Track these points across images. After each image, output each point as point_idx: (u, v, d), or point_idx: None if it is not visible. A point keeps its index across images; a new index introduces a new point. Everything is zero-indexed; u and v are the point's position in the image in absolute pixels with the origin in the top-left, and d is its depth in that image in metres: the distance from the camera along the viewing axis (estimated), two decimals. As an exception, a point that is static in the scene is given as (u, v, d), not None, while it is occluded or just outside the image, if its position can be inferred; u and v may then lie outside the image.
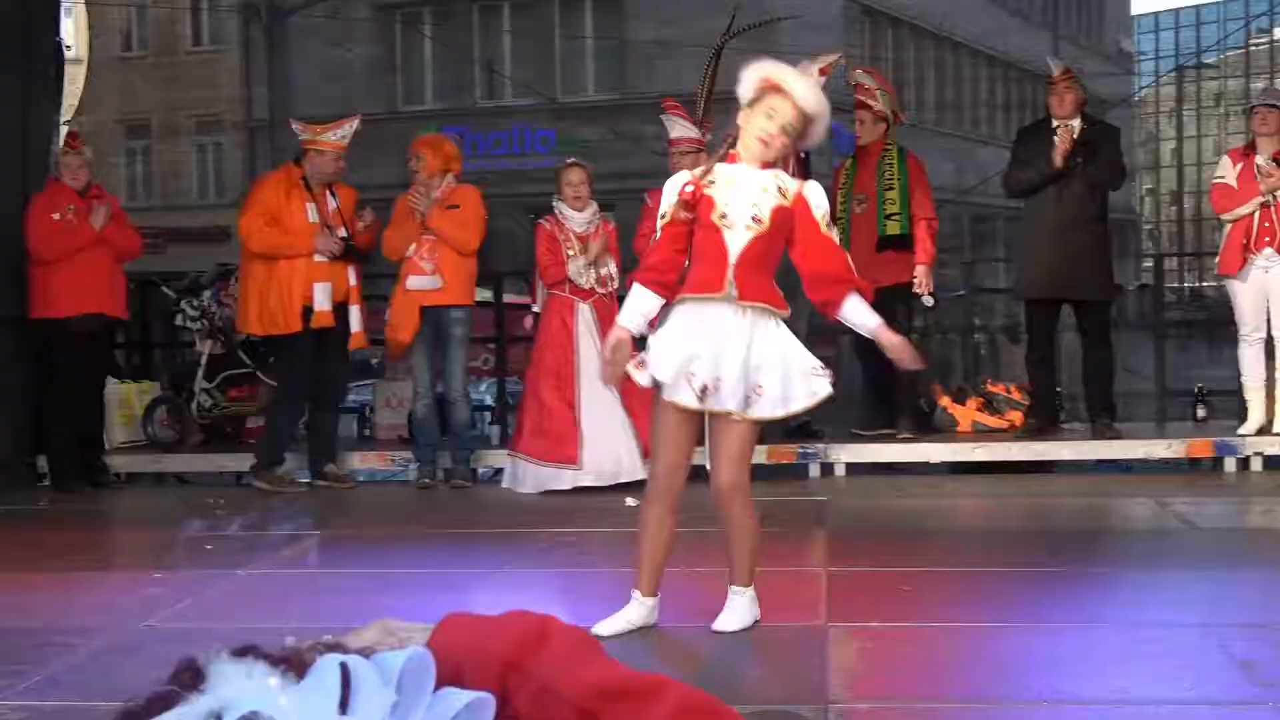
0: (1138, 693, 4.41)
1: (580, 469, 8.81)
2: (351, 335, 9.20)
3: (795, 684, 4.57)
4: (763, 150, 5.11)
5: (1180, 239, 60.31)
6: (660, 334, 5.11)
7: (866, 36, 32.68)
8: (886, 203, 9.55)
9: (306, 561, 6.91)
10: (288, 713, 1.74)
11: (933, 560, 6.60)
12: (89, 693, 4.51)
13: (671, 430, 5.16)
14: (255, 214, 8.95)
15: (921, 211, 9.57)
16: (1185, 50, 63.91)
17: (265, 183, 9.17)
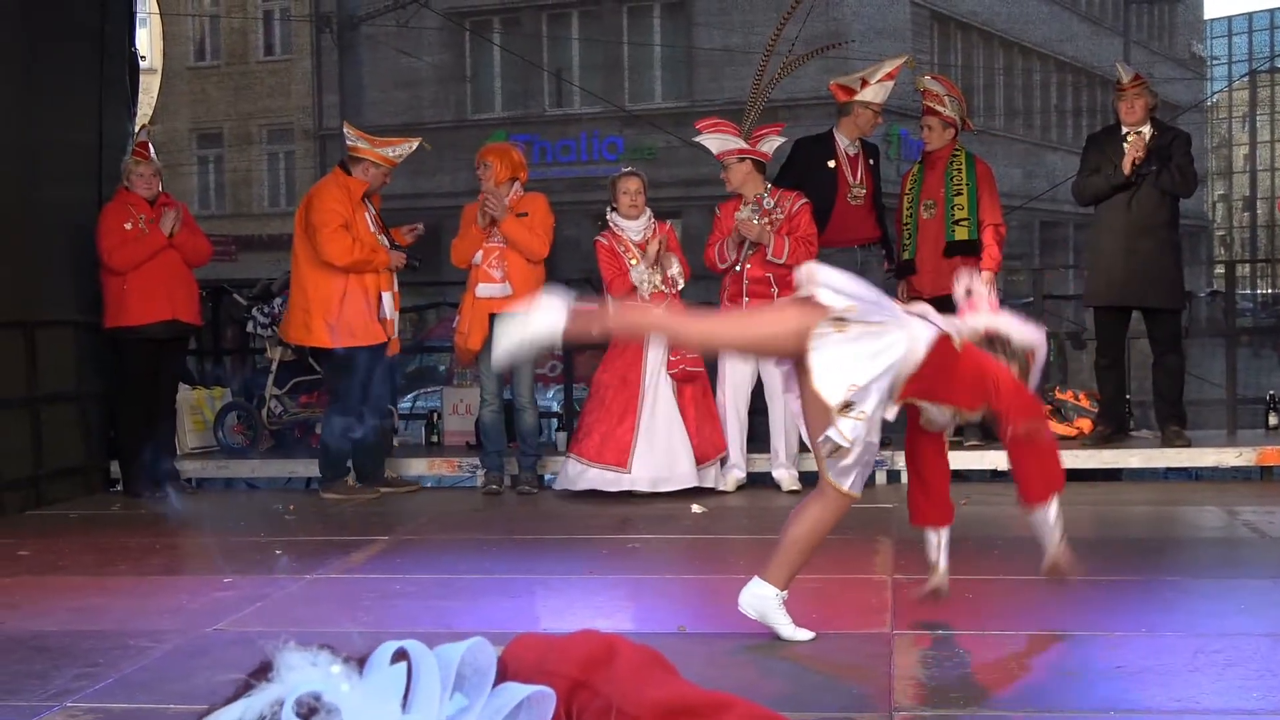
0: (1205, 703, 4.38)
1: (628, 473, 8.85)
2: (390, 341, 9.24)
3: (861, 692, 4.58)
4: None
5: (1253, 245, 59.66)
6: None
7: (935, 42, 32.56)
8: (955, 208, 9.52)
9: (374, 567, 6.96)
10: (349, 699, 1.77)
11: (998, 568, 6.58)
12: (159, 695, 4.57)
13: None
14: (337, 228, 8.97)
15: (989, 217, 9.54)
16: (1259, 54, 63.25)
17: (330, 194, 9.10)
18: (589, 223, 18.40)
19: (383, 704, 1.79)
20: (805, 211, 9.02)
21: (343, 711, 1.75)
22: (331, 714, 1.75)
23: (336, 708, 1.76)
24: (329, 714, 1.75)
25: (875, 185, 9.65)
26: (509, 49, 29.68)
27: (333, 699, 1.76)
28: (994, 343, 5.04)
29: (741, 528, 8.14)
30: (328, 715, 1.75)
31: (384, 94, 29.50)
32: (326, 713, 1.75)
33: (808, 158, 9.56)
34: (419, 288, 13.59)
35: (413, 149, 9.42)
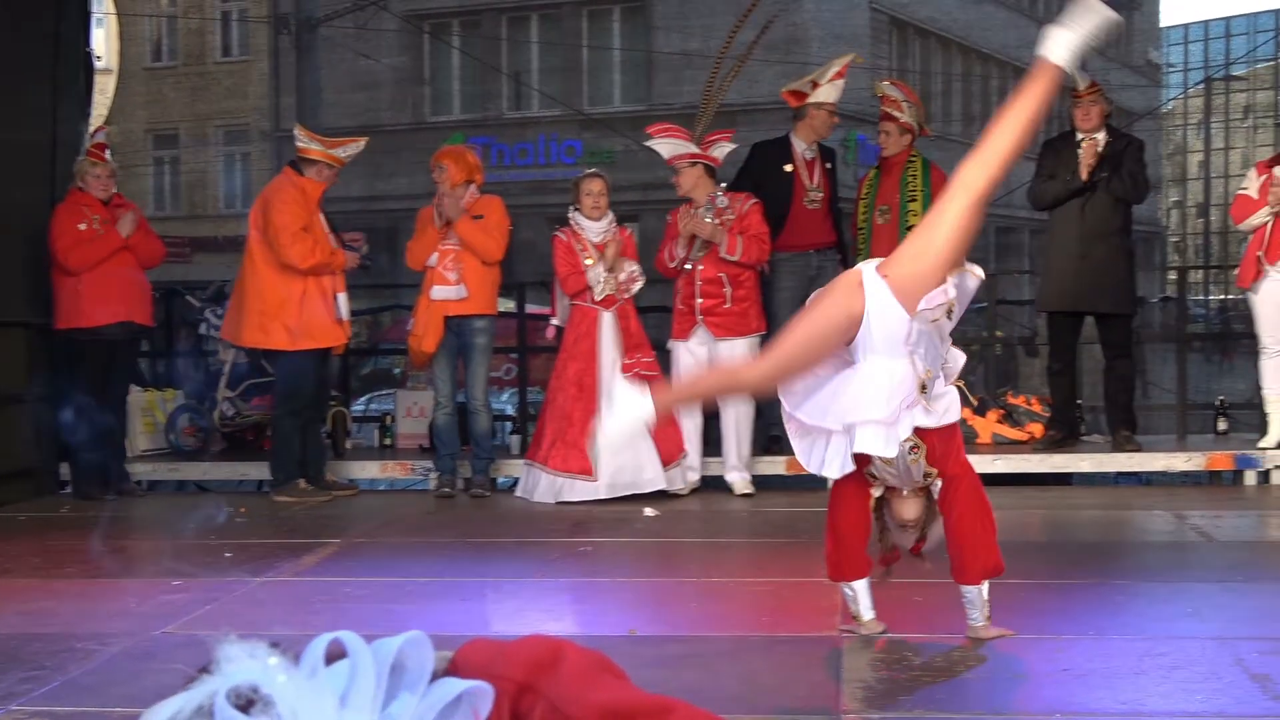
0: (1151, 705, 4.41)
1: (595, 481, 8.85)
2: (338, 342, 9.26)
3: (809, 695, 4.58)
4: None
5: (1206, 252, 60.09)
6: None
7: (893, 48, 32.69)
8: (909, 214, 9.56)
9: (325, 569, 6.93)
10: (286, 690, 1.77)
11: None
12: (106, 698, 4.54)
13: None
14: (298, 231, 8.94)
15: (942, 224, 9.56)
16: (1214, 62, 63.73)
17: (289, 198, 9.05)
18: (546, 226, 18.41)
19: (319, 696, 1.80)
20: (756, 211, 9.04)
21: (279, 703, 1.76)
22: (269, 705, 1.75)
23: (273, 699, 1.76)
24: (266, 705, 1.75)
25: (832, 189, 9.68)
26: (468, 52, 29.65)
27: (269, 690, 1.76)
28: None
29: (694, 531, 8.15)
30: (265, 707, 1.75)
31: (342, 96, 29.42)
32: (264, 704, 1.75)
33: (764, 162, 9.58)
34: (374, 290, 13.56)
35: (360, 149, 9.41)
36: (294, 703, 1.76)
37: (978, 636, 5.10)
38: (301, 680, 1.80)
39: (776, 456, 9.58)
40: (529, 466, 9.11)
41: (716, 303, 9.00)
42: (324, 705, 1.79)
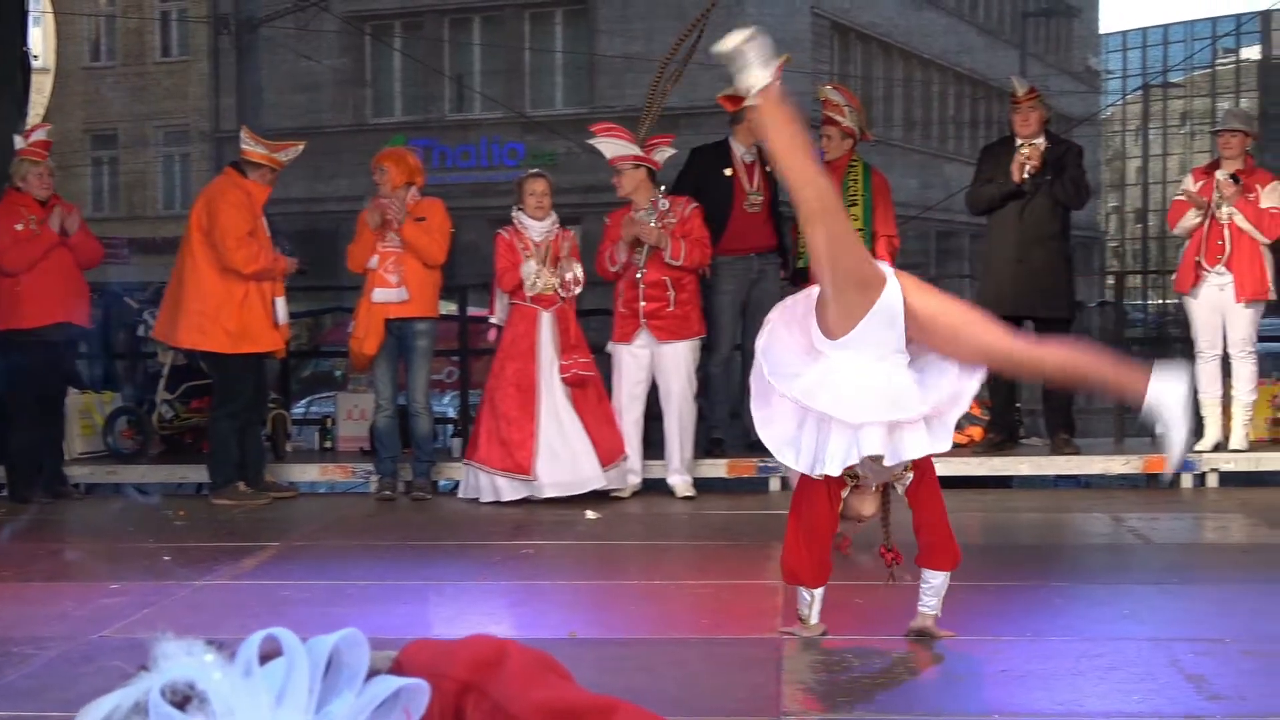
0: (1088, 706, 4.45)
1: (535, 480, 8.84)
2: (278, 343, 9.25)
3: (749, 697, 4.60)
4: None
5: (1144, 257, 60.62)
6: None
7: (835, 53, 32.80)
8: (850, 219, 9.59)
9: (265, 573, 6.90)
10: (221, 687, 1.77)
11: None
12: (43, 703, 4.51)
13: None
14: (244, 235, 8.89)
15: (883, 229, 9.64)
16: (1152, 69, 64.30)
17: (235, 201, 8.96)
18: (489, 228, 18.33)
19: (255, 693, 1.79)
20: (697, 215, 9.06)
21: (214, 700, 1.75)
22: (204, 703, 1.75)
23: (208, 696, 1.75)
24: (201, 702, 1.75)
25: (772, 193, 9.70)
26: (409, 54, 29.57)
27: (205, 687, 1.76)
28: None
29: (635, 534, 8.16)
30: (200, 704, 1.75)
31: (283, 97, 29.28)
32: (199, 701, 1.75)
33: (704, 166, 9.60)
34: (315, 292, 13.52)
35: (298, 153, 9.39)
36: (229, 700, 1.76)
37: (924, 627, 5.14)
38: (237, 677, 1.80)
39: (718, 459, 9.60)
40: (468, 466, 9.09)
41: (660, 306, 9.00)
42: (259, 702, 1.79)
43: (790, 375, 4.72)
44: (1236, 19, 55.22)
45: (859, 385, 4.64)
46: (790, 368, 4.73)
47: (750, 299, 9.64)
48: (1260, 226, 9.16)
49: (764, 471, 9.53)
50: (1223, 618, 5.66)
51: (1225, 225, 9.20)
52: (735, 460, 9.60)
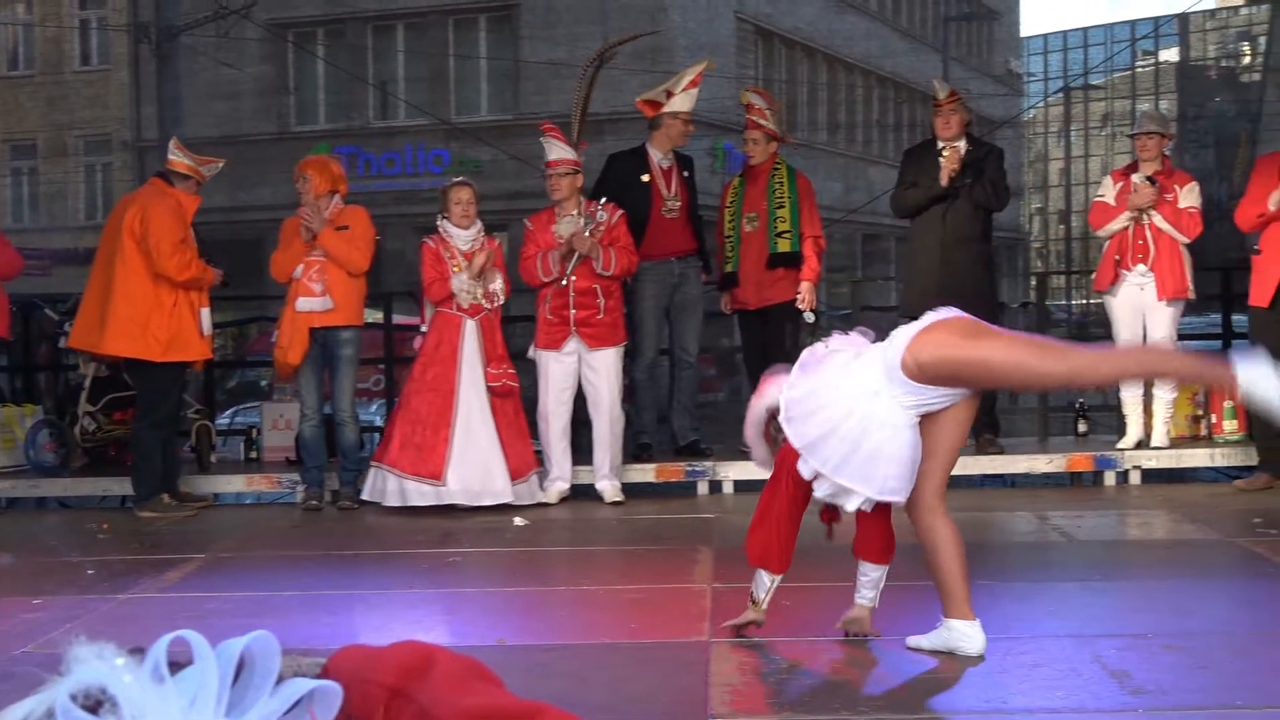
0: (1013, 703, 4.49)
1: (445, 486, 8.81)
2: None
3: (677, 700, 4.60)
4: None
5: (1068, 257, 61.20)
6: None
7: (759, 57, 32.95)
8: (777, 221, 9.64)
9: (190, 585, 6.84)
10: (132, 690, 1.77)
11: (816, 575, 6.65)
12: (-38, 720, 4.45)
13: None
14: (177, 243, 8.82)
15: (810, 230, 9.70)
16: (1073, 72, 64.97)
17: (168, 209, 8.89)
18: (414, 235, 18.31)
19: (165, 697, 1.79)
20: (623, 221, 9.08)
21: (124, 703, 1.75)
22: (115, 706, 1.74)
23: (118, 700, 1.75)
24: (113, 706, 1.74)
25: (691, 198, 9.74)
26: (332, 61, 29.42)
27: (116, 691, 1.75)
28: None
29: (563, 540, 8.16)
30: (112, 708, 1.74)
31: (204, 105, 29.07)
32: (110, 705, 1.74)
33: (621, 172, 9.61)
34: (239, 302, 13.42)
35: (218, 169, 9.36)
36: (140, 703, 1.75)
37: (858, 618, 5.16)
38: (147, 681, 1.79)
39: (646, 464, 9.61)
40: (376, 469, 9.02)
41: (591, 314, 9.00)
42: (169, 705, 1.78)
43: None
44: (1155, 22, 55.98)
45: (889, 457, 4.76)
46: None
47: (672, 303, 9.68)
48: (1179, 227, 9.26)
49: (691, 476, 9.55)
50: (1145, 614, 5.72)
51: (1147, 226, 9.30)
52: (663, 465, 9.61)
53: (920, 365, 4.69)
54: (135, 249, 8.85)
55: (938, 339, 4.72)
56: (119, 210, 9.19)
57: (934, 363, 4.69)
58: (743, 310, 9.86)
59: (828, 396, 4.80)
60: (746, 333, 10.04)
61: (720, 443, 10.24)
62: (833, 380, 4.83)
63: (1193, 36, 63.43)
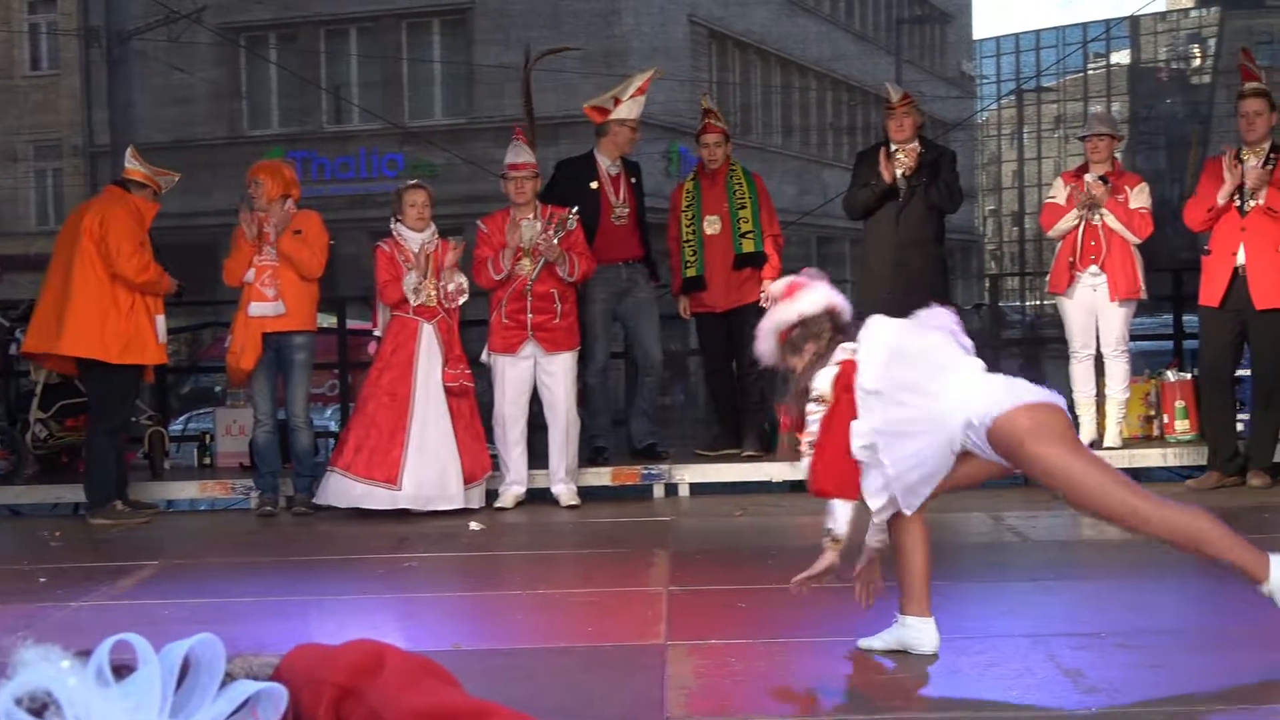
0: (961, 701, 4.51)
1: (399, 490, 8.79)
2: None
3: (632, 702, 4.60)
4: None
5: (1021, 259, 61.49)
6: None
7: (713, 60, 32.98)
8: (740, 221, 9.68)
9: (143, 592, 6.80)
10: (77, 693, 1.76)
11: (772, 578, 6.65)
12: (-88, 730, 4.41)
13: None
14: (138, 245, 8.83)
15: (770, 228, 9.77)
16: (1025, 74, 65.27)
17: (129, 213, 8.93)
18: (368, 240, 18.22)
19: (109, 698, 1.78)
20: (580, 227, 9.08)
21: (68, 706, 1.74)
22: (60, 709, 1.74)
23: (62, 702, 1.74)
24: (58, 709, 1.74)
25: (638, 204, 9.76)
26: (284, 65, 29.30)
27: (60, 694, 1.75)
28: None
29: (520, 544, 8.15)
30: (56, 710, 1.74)
31: (156, 110, 28.86)
32: (56, 708, 1.74)
33: (570, 178, 9.61)
34: (192, 307, 13.36)
35: (174, 182, 9.34)
36: (85, 706, 1.75)
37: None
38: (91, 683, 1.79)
39: (602, 468, 9.61)
40: (330, 472, 8.99)
41: (548, 318, 9.00)
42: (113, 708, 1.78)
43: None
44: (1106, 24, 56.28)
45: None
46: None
47: (623, 308, 9.70)
48: (1131, 227, 9.32)
49: (647, 479, 9.55)
50: (1099, 613, 5.75)
51: (1099, 227, 9.35)
52: (619, 468, 9.61)
53: (998, 435, 4.67)
54: (94, 251, 8.83)
55: (1027, 426, 4.66)
56: (76, 216, 9.16)
57: (1009, 444, 4.67)
58: (704, 314, 9.88)
59: (917, 410, 4.73)
60: (709, 335, 10.05)
61: (675, 446, 10.25)
62: (925, 387, 4.75)
63: (1143, 39, 63.80)
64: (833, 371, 4.79)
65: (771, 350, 4.96)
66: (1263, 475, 9.00)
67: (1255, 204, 8.83)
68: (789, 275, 5.09)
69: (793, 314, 4.90)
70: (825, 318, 4.89)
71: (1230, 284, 8.90)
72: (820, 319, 4.89)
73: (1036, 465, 4.67)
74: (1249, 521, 7.86)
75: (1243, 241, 8.85)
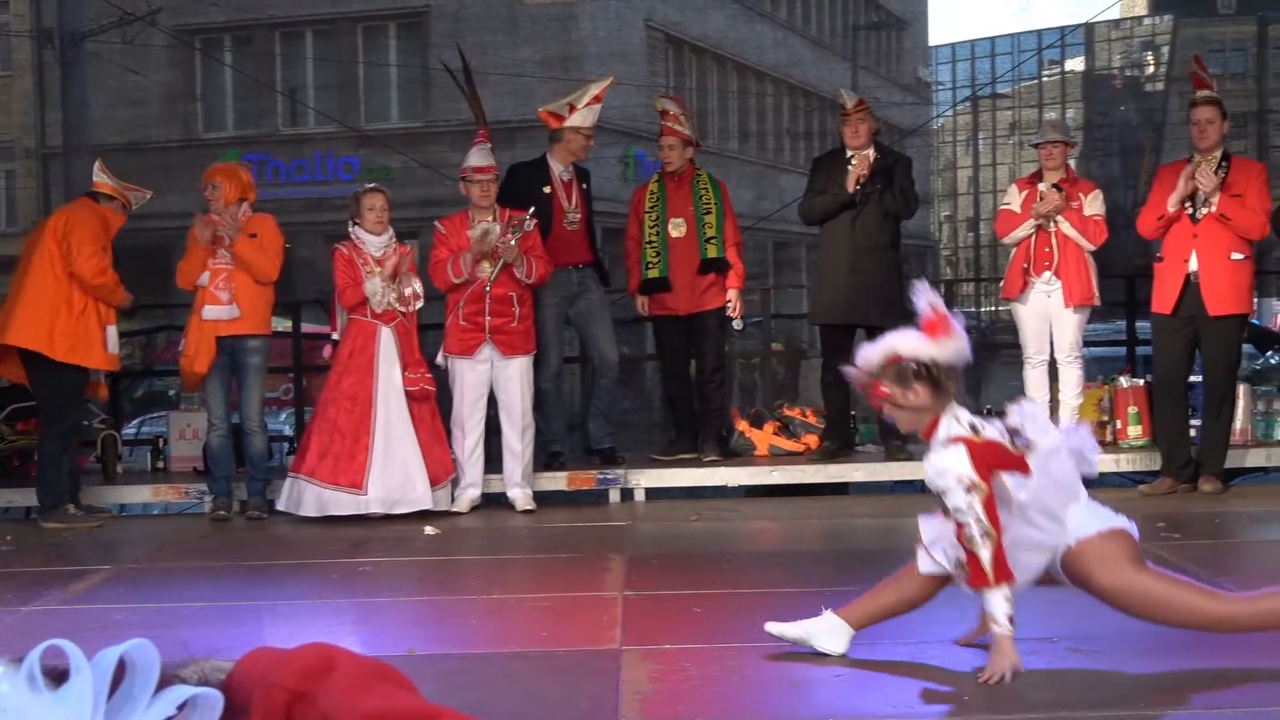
0: (919, 709, 4.53)
1: (365, 495, 8.76)
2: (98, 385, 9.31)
3: (589, 708, 4.60)
4: None
5: (976, 265, 61.75)
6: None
7: (670, 65, 32.98)
8: (705, 227, 9.71)
9: (95, 597, 6.76)
10: (8, 698, 1.76)
11: (728, 582, 6.69)
12: None
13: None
14: (99, 249, 8.85)
15: (733, 236, 9.81)
16: (980, 81, 65.60)
17: (97, 219, 8.95)
18: (323, 243, 18.16)
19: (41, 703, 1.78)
20: (537, 230, 9.08)
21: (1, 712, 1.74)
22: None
23: None
24: None
25: (589, 210, 9.79)
26: (240, 68, 29.17)
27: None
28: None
29: (475, 549, 8.13)
30: None
31: (110, 112, 28.67)
32: None
33: (523, 183, 9.60)
34: (146, 310, 13.28)
35: (145, 199, 9.34)
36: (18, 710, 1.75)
37: None
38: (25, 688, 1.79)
39: (558, 472, 9.60)
40: (294, 479, 8.95)
41: (505, 321, 8.98)
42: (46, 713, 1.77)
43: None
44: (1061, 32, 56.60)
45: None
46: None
47: (575, 312, 9.71)
48: (1085, 234, 9.37)
49: (603, 483, 9.56)
50: (1050, 618, 5.75)
51: (1053, 234, 9.40)
52: (575, 473, 9.61)
53: (1071, 561, 4.70)
54: (56, 250, 8.84)
55: (1103, 555, 4.68)
56: (45, 219, 9.20)
57: (1080, 574, 4.71)
58: (663, 317, 9.90)
59: (1046, 535, 4.73)
60: (669, 339, 10.05)
61: (631, 450, 10.25)
62: (1058, 514, 4.72)
63: (1098, 46, 64.20)
64: (963, 454, 4.62)
65: (876, 365, 4.78)
66: (1214, 481, 9.07)
67: (1207, 211, 8.90)
68: (932, 296, 4.78)
69: (929, 352, 4.72)
70: (953, 373, 4.75)
71: (1183, 291, 8.96)
72: (950, 372, 4.73)
73: (1112, 600, 4.75)
74: (1201, 527, 7.94)
75: (1195, 248, 8.92)
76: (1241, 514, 8.60)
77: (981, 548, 4.57)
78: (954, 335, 4.72)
